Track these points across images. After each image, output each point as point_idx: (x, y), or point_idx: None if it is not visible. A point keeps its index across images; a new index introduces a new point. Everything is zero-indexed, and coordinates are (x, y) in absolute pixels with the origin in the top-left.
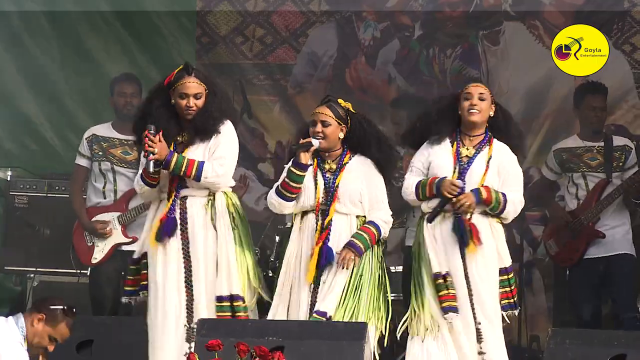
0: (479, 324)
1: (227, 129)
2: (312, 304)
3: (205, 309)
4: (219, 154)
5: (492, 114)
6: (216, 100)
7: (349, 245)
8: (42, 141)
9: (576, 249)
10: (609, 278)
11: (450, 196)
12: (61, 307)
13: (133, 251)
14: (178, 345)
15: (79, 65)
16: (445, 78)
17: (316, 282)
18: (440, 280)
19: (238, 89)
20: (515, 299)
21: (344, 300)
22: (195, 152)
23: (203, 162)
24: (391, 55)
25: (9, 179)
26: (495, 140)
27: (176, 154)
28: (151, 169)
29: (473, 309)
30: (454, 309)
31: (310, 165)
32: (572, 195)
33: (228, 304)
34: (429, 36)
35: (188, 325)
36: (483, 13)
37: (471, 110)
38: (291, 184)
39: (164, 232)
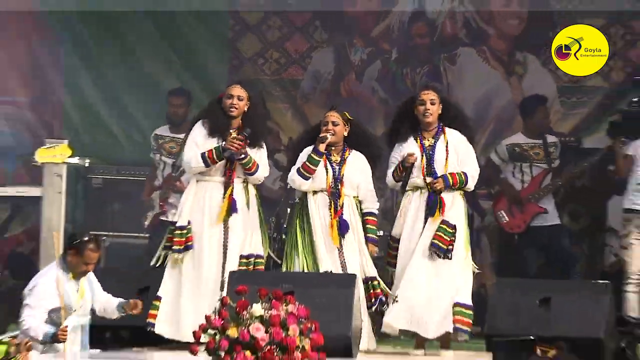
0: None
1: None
2: (342, 262)
3: (235, 265)
4: (263, 163)
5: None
6: (256, 116)
7: (370, 241)
8: (110, 136)
9: (524, 220)
10: (550, 240)
11: (409, 164)
12: (80, 239)
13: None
14: (213, 292)
15: (138, 78)
16: (415, 90)
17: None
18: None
19: (260, 99)
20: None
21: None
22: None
23: (258, 165)
24: (374, 73)
25: (86, 165)
26: (446, 128)
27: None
28: (225, 155)
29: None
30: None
31: (325, 153)
32: (517, 179)
33: (252, 260)
34: (403, 59)
35: (222, 277)
36: (444, 41)
37: (425, 114)
38: (310, 166)
39: (233, 209)
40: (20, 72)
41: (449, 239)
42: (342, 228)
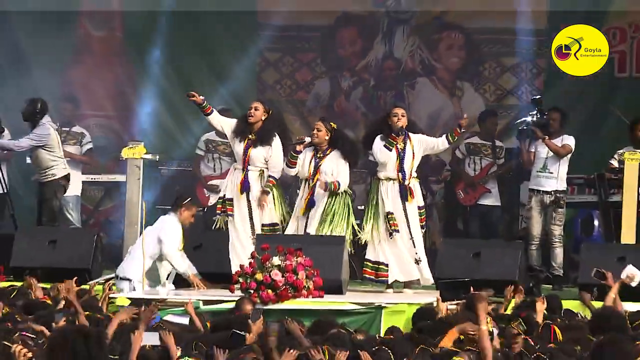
0: (412, 239)
1: (276, 142)
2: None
3: (259, 230)
4: (276, 155)
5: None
6: (270, 123)
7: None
8: (172, 139)
9: (474, 196)
10: (487, 213)
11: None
12: (191, 198)
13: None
14: (248, 247)
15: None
16: (387, 108)
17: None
18: (391, 215)
19: (278, 112)
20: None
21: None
22: (260, 150)
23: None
24: (358, 95)
25: (157, 160)
26: (410, 134)
27: None
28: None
29: (410, 231)
30: (397, 231)
31: (301, 152)
32: (471, 169)
33: (271, 227)
34: (378, 85)
35: (253, 238)
36: (406, 73)
37: (398, 123)
38: (291, 159)
39: (244, 188)
40: (108, 93)
41: (423, 217)
42: (309, 204)
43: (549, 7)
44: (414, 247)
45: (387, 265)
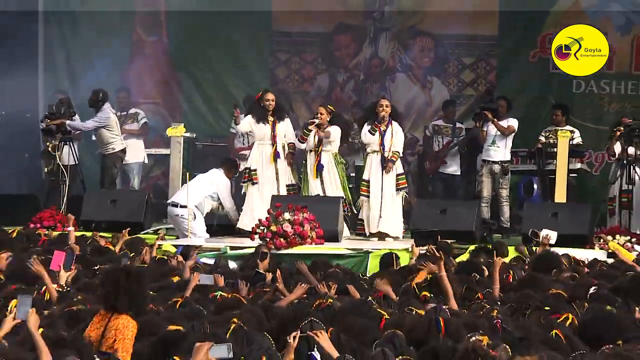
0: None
1: (287, 118)
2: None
3: (284, 190)
4: (290, 131)
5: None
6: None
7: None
8: (205, 120)
9: (437, 167)
10: (449, 179)
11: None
12: (234, 161)
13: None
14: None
15: (218, 87)
16: (373, 98)
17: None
18: (366, 182)
19: (288, 101)
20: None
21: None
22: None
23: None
24: (351, 87)
25: (194, 137)
26: (393, 122)
27: None
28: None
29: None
30: (367, 196)
31: (312, 130)
32: (437, 145)
33: (292, 187)
34: (366, 79)
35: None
36: (388, 70)
37: (382, 113)
38: (304, 136)
39: (277, 156)
40: (156, 85)
41: (403, 181)
42: (318, 168)
43: (500, 7)
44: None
45: (362, 221)
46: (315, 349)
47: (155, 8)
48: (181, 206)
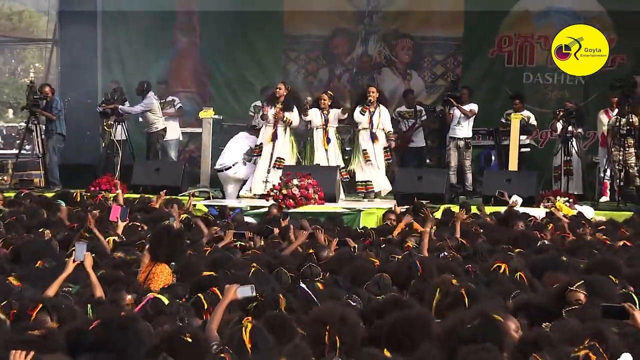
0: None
1: (295, 110)
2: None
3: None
4: (295, 118)
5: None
6: (290, 96)
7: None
8: (229, 105)
9: (407, 144)
10: (420, 152)
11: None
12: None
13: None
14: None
15: (242, 77)
16: (364, 87)
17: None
18: (365, 151)
19: (296, 90)
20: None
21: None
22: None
23: (292, 121)
24: (346, 79)
25: (220, 118)
26: (380, 105)
27: None
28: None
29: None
30: (370, 161)
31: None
32: (404, 125)
33: (280, 160)
34: (358, 72)
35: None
36: (375, 64)
37: (369, 98)
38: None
39: (275, 137)
40: (191, 76)
41: (389, 153)
42: (328, 141)
43: (465, 7)
44: (379, 169)
45: (371, 181)
46: (301, 282)
47: (189, 8)
48: (226, 169)
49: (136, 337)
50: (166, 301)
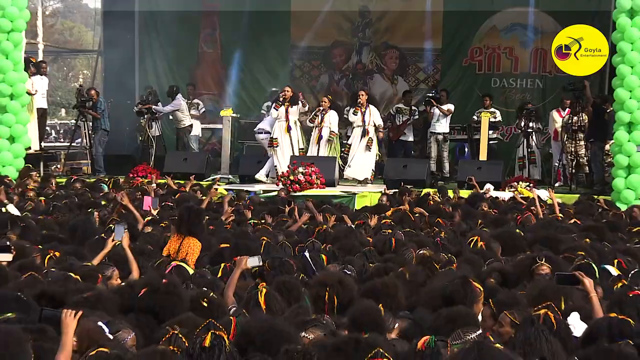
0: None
1: (299, 106)
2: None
3: (297, 151)
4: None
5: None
6: (295, 97)
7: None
8: (245, 104)
9: (399, 136)
10: (407, 144)
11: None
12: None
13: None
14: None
15: (254, 81)
16: (358, 91)
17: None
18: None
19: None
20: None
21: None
22: (293, 109)
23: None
24: (343, 83)
25: (238, 116)
26: (370, 105)
27: None
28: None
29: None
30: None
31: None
32: (398, 120)
33: (301, 149)
34: (353, 78)
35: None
36: (368, 71)
37: (360, 100)
38: (314, 118)
39: (289, 129)
40: (213, 80)
41: (377, 143)
42: (320, 138)
43: (444, 7)
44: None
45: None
46: (307, 251)
47: (213, 8)
48: (265, 132)
49: (177, 300)
50: (190, 270)
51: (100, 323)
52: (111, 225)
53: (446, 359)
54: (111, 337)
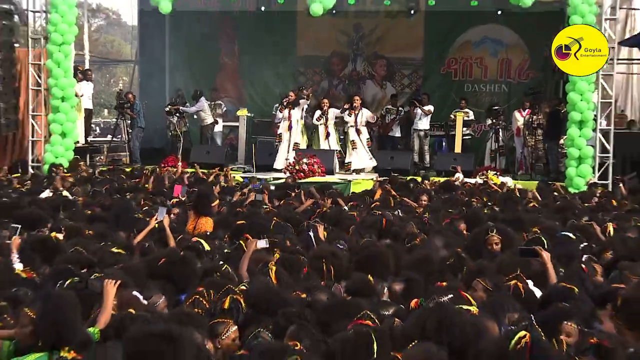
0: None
1: (302, 106)
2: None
3: (292, 146)
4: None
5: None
6: (297, 100)
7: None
8: (257, 105)
9: (388, 132)
10: (395, 139)
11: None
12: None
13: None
14: (288, 153)
15: (265, 86)
16: (353, 95)
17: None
18: (353, 142)
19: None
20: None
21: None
22: (295, 111)
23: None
24: (340, 88)
25: (252, 116)
26: (363, 108)
27: None
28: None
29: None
30: (356, 148)
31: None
32: (388, 119)
33: (297, 144)
34: (349, 83)
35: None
36: (361, 77)
37: (354, 103)
38: (319, 118)
39: (291, 127)
40: (232, 85)
41: (370, 142)
42: (327, 135)
43: (425, 7)
44: (365, 153)
45: (350, 162)
46: (311, 231)
47: (233, 28)
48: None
49: (190, 271)
50: (207, 246)
51: (135, 292)
52: (146, 207)
53: (410, 317)
54: (145, 302)
